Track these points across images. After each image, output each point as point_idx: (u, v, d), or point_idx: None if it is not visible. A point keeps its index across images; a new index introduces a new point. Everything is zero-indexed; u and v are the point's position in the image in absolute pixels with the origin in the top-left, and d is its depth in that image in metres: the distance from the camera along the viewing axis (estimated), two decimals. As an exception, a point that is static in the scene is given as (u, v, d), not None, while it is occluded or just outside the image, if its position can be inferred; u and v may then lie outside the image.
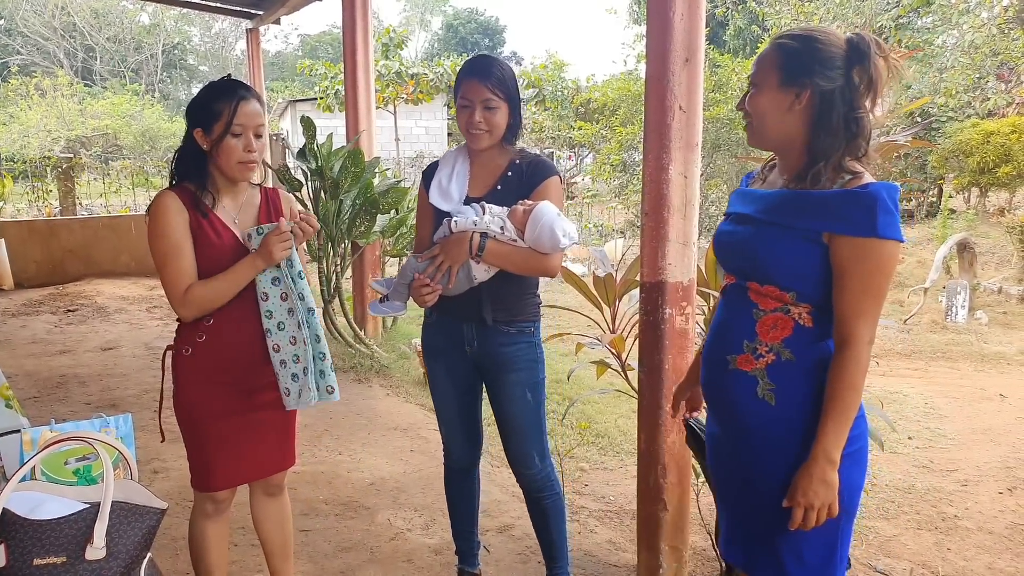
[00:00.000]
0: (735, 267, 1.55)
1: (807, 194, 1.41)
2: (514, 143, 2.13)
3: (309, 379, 1.88)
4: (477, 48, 34.73)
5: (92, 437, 1.58)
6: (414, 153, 17.64)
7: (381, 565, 2.64)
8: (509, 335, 2.10)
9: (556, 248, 1.97)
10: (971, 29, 11.06)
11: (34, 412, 4.03)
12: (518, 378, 2.12)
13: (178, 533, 2.69)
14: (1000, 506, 3.19)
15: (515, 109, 2.07)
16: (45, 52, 29.60)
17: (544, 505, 2.24)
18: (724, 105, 9.79)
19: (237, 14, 9.27)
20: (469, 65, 2.06)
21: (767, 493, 1.47)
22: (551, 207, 1.96)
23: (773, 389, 1.45)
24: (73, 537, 1.45)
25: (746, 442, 1.51)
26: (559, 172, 2.12)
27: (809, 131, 1.43)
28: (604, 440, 3.85)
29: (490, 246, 1.96)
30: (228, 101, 1.81)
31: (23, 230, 8.34)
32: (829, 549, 1.47)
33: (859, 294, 1.36)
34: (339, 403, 4.41)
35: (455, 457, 2.34)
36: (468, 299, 2.06)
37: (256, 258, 1.84)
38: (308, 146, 4.93)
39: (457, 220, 2.00)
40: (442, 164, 2.19)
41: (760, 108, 1.47)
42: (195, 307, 1.84)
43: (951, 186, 11.10)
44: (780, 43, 1.46)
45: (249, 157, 1.85)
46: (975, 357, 5.73)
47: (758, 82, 1.48)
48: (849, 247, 1.35)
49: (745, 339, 1.49)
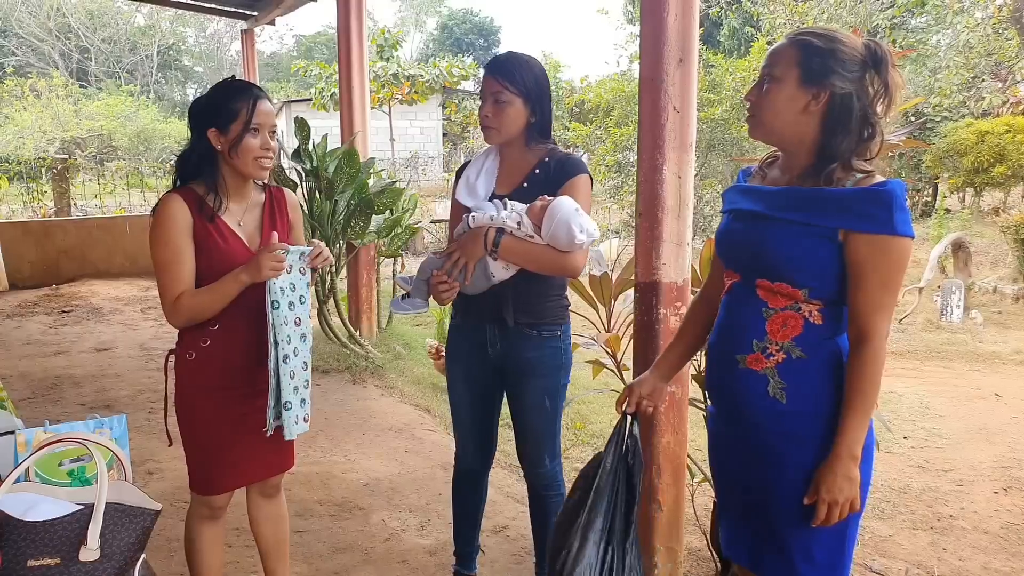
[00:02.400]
0: (742, 265, 1.53)
1: (823, 191, 1.41)
2: (543, 141, 2.08)
3: (294, 411, 1.88)
4: (472, 49, 34.73)
5: (86, 438, 1.57)
6: (409, 154, 17.64)
7: (376, 566, 2.63)
8: (533, 339, 2.06)
9: (573, 244, 1.90)
10: (965, 29, 11.11)
11: (28, 413, 4.01)
12: (538, 384, 2.09)
13: (172, 534, 2.69)
14: (995, 506, 3.20)
15: (537, 106, 2.02)
16: (40, 53, 29.49)
17: (547, 504, 2.24)
18: (718, 105, 9.81)
19: (232, 15, 9.25)
20: (489, 60, 2.06)
21: (778, 491, 1.48)
22: (569, 202, 1.90)
23: (784, 388, 1.45)
24: (67, 538, 1.44)
25: (756, 441, 1.50)
26: (588, 171, 2.06)
27: (822, 132, 1.43)
28: (600, 440, 3.85)
29: (506, 242, 1.92)
30: (246, 100, 1.82)
31: (18, 231, 8.31)
32: (839, 547, 1.48)
33: (877, 290, 1.37)
34: (334, 404, 4.41)
35: (466, 462, 2.30)
36: (490, 300, 2.02)
37: (242, 272, 1.80)
38: (302, 147, 4.92)
39: (475, 215, 1.96)
40: (473, 162, 2.17)
41: (775, 104, 1.45)
42: (183, 317, 1.84)
43: (946, 186, 11.14)
44: (803, 41, 1.43)
45: (266, 154, 1.86)
46: (970, 356, 5.75)
47: (777, 76, 1.44)
48: (868, 244, 1.36)
49: (754, 338, 1.48)
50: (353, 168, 4.88)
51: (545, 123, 2.06)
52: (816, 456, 1.43)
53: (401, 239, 5.53)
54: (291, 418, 1.87)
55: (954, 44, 11.49)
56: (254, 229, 1.94)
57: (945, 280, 7.30)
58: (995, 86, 11.38)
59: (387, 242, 5.52)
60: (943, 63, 11.51)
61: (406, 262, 8.59)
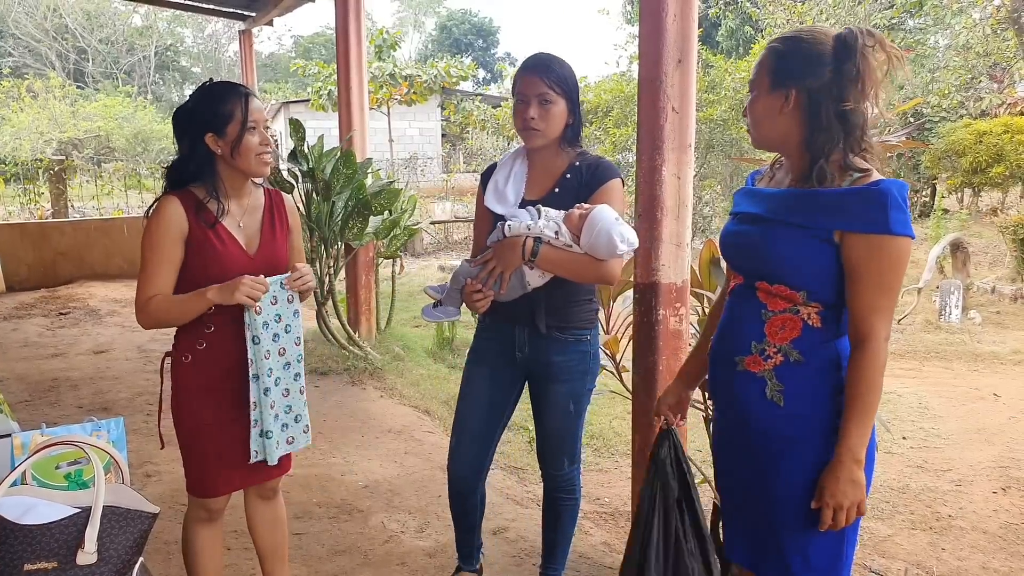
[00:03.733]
0: (743, 267, 1.54)
1: (817, 192, 1.41)
2: (575, 145, 2.06)
3: (275, 439, 1.89)
4: (471, 49, 34.75)
5: (83, 441, 1.56)
6: (408, 154, 17.64)
7: (375, 568, 2.63)
8: (562, 343, 2.04)
9: (613, 254, 1.87)
10: (964, 29, 11.12)
11: (25, 416, 4.00)
12: (563, 389, 2.07)
13: (170, 537, 2.68)
14: (994, 506, 3.20)
15: (575, 109, 2.00)
16: (37, 54, 29.45)
17: (561, 507, 2.23)
18: (717, 106, 9.81)
19: (230, 15, 9.25)
20: (527, 60, 2.01)
21: (776, 494, 1.48)
22: (609, 211, 1.86)
23: (781, 390, 1.45)
24: (64, 542, 1.43)
25: (755, 442, 1.51)
26: (621, 175, 2.03)
27: (803, 130, 1.44)
28: (599, 441, 3.84)
29: (544, 251, 1.88)
30: (237, 100, 1.81)
31: (15, 233, 8.29)
32: (837, 551, 1.47)
33: (874, 291, 1.37)
34: (332, 405, 4.40)
35: (456, 478, 2.20)
36: (521, 304, 2.00)
37: (211, 291, 1.77)
38: (298, 148, 4.91)
39: (511, 224, 1.92)
40: (500, 166, 2.12)
41: (756, 113, 1.50)
42: (150, 319, 1.83)
43: (944, 186, 11.15)
44: (770, 47, 1.48)
45: (266, 149, 1.86)
46: (969, 357, 5.75)
47: (753, 87, 1.50)
48: (863, 245, 1.36)
49: (753, 340, 1.48)
50: (350, 169, 4.87)
51: (578, 126, 2.03)
52: (813, 459, 1.43)
53: (400, 240, 5.52)
54: (271, 445, 1.89)
55: (952, 45, 11.50)
56: (254, 232, 1.94)
57: (943, 280, 7.30)
58: (993, 87, 11.40)
59: (386, 243, 5.52)
60: (941, 64, 11.52)
61: (405, 263, 8.59)
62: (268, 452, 1.89)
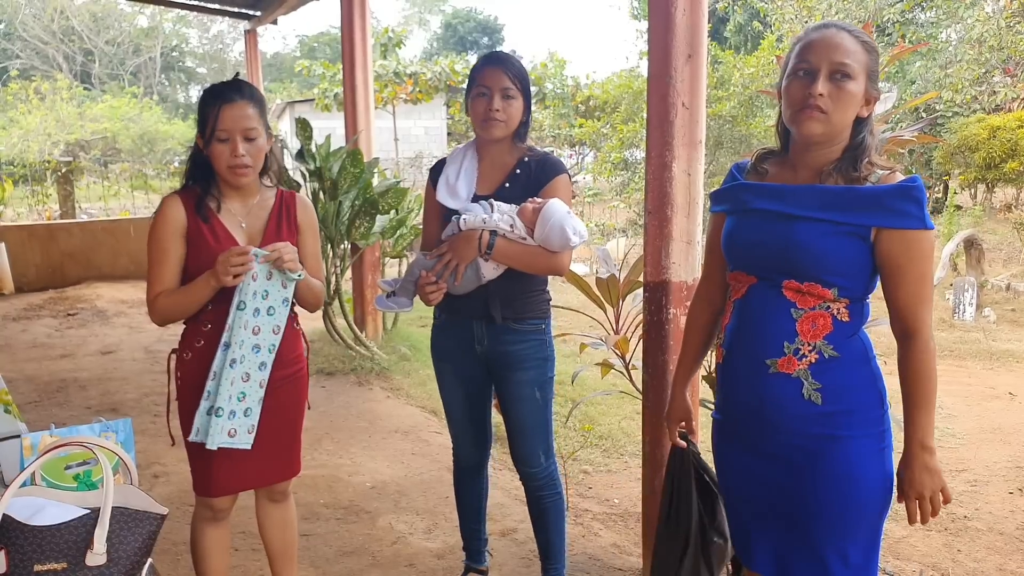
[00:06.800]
0: (763, 266, 1.49)
1: (855, 189, 1.41)
2: (524, 141, 2.13)
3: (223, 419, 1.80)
4: (476, 47, 34.72)
5: (92, 442, 1.57)
6: (413, 153, 17.62)
7: (383, 569, 2.61)
8: (519, 333, 2.09)
9: (566, 246, 1.97)
10: (977, 23, 10.99)
11: (34, 416, 4.00)
12: (527, 377, 2.11)
13: (179, 538, 2.67)
14: (1011, 506, 3.16)
15: (528, 107, 2.08)
16: (44, 56, 29.61)
17: (544, 504, 2.24)
18: (726, 102, 9.76)
19: (235, 15, 9.26)
20: (488, 55, 2.09)
21: (818, 495, 1.45)
22: (561, 205, 1.97)
23: (819, 388, 1.44)
24: (73, 543, 1.44)
25: (790, 447, 1.47)
26: (568, 170, 2.13)
27: (858, 128, 1.45)
28: (608, 442, 3.82)
29: (499, 244, 1.97)
30: (213, 106, 1.80)
31: (23, 234, 8.33)
32: (872, 547, 1.47)
33: (918, 284, 1.39)
34: (339, 406, 4.39)
35: (462, 457, 2.34)
36: (476, 298, 2.05)
37: (210, 276, 1.79)
38: (305, 147, 4.90)
39: (466, 218, 1.99)
40: (450, 161, 2.18)
41: (851, 101, 1.41)
42: (160, 315, 1.86)
43: (957, 182, 11.06)
44: (868, 44, 1.43)
45: (236, 162, 1.81)
46: (983, 355, 5.68)
47: (851, 73, 1.39)
48: (902, 241, 1.38)
49: (785, 340, 1.45)
50: (357, 168, 4.86)
51: (528, 123, 2.12)
52: (856, 454, 1.43)
53: (406, 239, 5.51)
54: (217, 425, 1.78)
55: (965, 38, 11.37)
56: (257, 231, 1.93)
57: (957, 278, 7.23)
58: (1007, 81, 11.28)
59: (392, 242, 5.51)
60: (954, 58, 11.40)
61: (411, 262, 8.58)
62: (211, 434, 1.78)
